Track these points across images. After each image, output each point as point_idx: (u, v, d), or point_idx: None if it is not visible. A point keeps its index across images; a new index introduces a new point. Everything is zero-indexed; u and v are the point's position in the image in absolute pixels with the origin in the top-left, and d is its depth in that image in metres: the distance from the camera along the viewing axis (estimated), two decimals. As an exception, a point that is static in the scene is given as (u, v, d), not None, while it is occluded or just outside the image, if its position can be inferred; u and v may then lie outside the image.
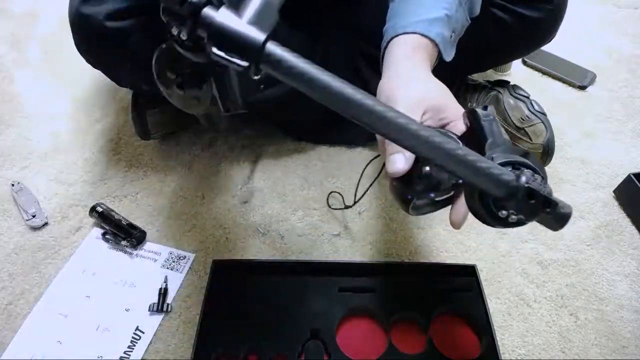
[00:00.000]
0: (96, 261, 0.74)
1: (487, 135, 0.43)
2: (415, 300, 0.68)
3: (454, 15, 0.58)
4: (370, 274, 0.71)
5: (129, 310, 0.69)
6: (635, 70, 1.12)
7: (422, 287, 0.70)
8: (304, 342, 0.64)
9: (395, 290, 0.70)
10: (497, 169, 0.36)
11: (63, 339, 0.66)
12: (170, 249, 0.76)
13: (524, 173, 0.37)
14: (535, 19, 0.76)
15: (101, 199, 0.82)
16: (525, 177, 0.37)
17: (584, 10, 1.29)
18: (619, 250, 0.78)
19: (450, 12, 0.57)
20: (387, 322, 0.66)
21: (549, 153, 0.80)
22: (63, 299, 0.70)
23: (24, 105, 1.00)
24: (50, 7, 1.26)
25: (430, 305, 0.67)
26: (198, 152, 0.91)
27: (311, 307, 0.67)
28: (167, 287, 0.71)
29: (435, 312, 0.67)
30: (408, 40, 0.55)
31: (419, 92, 0.50)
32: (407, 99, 0.49)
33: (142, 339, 0.66)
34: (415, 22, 0.55)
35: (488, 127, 0.44)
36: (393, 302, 0.68)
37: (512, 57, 0.96)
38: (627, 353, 0.67)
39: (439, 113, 0.50)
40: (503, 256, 0.77)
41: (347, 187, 0.86)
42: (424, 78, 0.52)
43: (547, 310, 0.71)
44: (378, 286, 0.69)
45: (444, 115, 0.50)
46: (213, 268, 0.71)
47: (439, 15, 0.56)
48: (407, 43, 0.55)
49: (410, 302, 0.68)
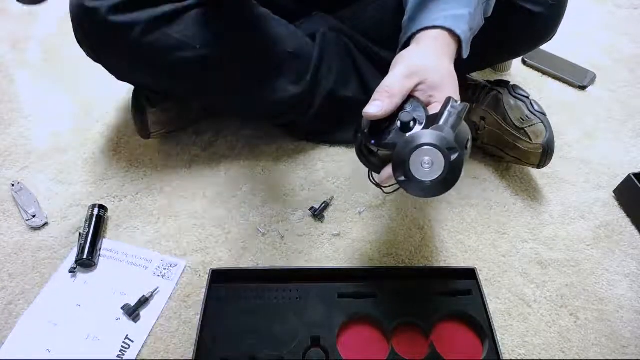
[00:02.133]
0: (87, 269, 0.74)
1: (440, 120, 0.49)
2: (416, 305, 0.68)
3: (474, 14, 0.59)
4: (370, 279, 0.70)
5: (119, 320, 0.68)
6: (635, 70, 1.12)
7: (422, 292, 0.69)
8: (304, 350, 0.63)
9: (396, 295, 0.69)
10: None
11: (52, 348, 0.66)
12: (161, 255, 0.75)
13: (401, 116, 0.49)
14: (537, 15, 0.76)
15: (101, 199, 0.82)
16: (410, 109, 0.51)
17: (584, 10, 1.29)
18: (619, 250, 0.78)
19: (472, 10, 0.59)
20: (388, 327, 0.65)
21: (549, 153, 0.80)
22: (53, 307, 0.70)
23: (24, 105, 1.00)
24: (50, 7, 1.26)
25: (431, 310, 0.67)
26: (198, 152, 0.91)
27: (311, 314, 0.66)
28: (150, 298, 0.70)
29: (436, 317, 0.66)
30: (433, 34, 0.57)
31: (425, 63, 0.54)
32: (410, 62, 0.54)
33: (131, 348, 0.66)
34: (443, 17, 0.57)
35: (447, 115, 0.49)
36: (394, 308, 0.67)
37: (512, 54, 0.96)
38: (627, 353, 0.67)
39: (431, 90, 0.53)
40: (503, 256, 0.77)
41: (347, 187, 0.86)
42: (439, 57, 0.55)
43: (547, 310, 0.71)
44: (378, 291, 0.69)
45: (434, 93, 0.53)
46: (210, 278, 0.70)
47: (464, 12, 0.58)
48: (432, 36, 0.57)
49: (411, 307, 0.67)
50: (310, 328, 0.65)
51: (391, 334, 0.65)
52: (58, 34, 1.17)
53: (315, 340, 0.64)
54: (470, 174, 0.88)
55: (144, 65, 0.74)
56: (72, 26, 0.71)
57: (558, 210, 0.83)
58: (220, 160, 0.89)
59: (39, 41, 1.16)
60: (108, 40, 0.71)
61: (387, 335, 0.65)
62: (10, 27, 1.20)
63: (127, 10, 0.68)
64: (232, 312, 0.67)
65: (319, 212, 0.80)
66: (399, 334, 0.66)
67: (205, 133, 0.94)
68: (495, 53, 0.89)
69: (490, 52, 0.88)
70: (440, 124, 0.48)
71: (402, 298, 0.69)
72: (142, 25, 0.69)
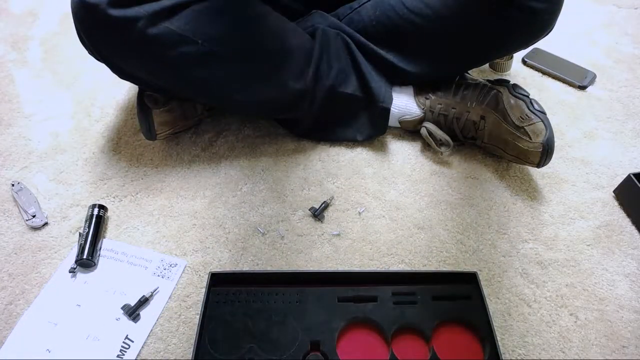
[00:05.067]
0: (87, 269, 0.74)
1: None
2: (417, 310, 0.67)
3: None
4: (370, 283, 0.70)
5: (119, 320, 0.68)
6: (635, 70, 1.12)
7: (423, 296, 0.69)
8: (304, 355, 0.63)
9: (396, 299, 0.68)
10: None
11: (52, 348, 0.66)
12: (161, 255, 0.75)
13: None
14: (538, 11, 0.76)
15: (101, 199, 0.82)
16: None
17: (584, 10, 1.29)
18: (619, 250, 0.78)
19: None
20: (388, 332, 0.65)
21: (549, 152, 0.80)
22: (53, 307, 0.70)
23: (24, 105, 1.00)
24: (50, 7, 1.26)
25: (432, 314, 0.66)
26: (198, 152, 0.91)
27: (311, 318, 0.66)
28: (150, 298, 0.70)
29: (437, 321, 0.66)
30: None
31: None
32: None
33: (131, 348, 0.66)
34: None
35: None
36: (394, 312, 0.67)
37: (510, 50, 0.96)
38: (627, 353, 0.67)
39: None
40: (503, 256, 0.77)
41: (347, 187, 0.86)
42: None
43: (547, 310, 0.71)
44: (378, 296, 0.68)
45: None
46: (210, 281, 0.69)
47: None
48: None
49: (412, 311, 0.67)
50: (309, 332, 0.65)
51: (391, 339, 0.64)
52: (58, 34, 1.17)
53: (314, 344, 0.64)
54: (470, 174, 0.88)
55: (146, 60, 0.74)
56: (74, 23, 0.71)
57: (558, 210, 0.83)
58: (220, 160, 0.89)
59: (39, 41, 1.16)
60: (109, 36, 0.71)
61: (388, 339, 0.64)
62: (10, 27, 1.20)
63: (127, 5, 0.68)
64: (231, 315, 0.67)
65: (319, 212, 0.80)
66: (399, 339, 0.65)
67: (205, 133, 0.94)
68: (494, 49, 0.89)
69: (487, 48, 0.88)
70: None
71: (402, 302, 0.68)
72: (143, 19, 0.68)
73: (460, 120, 0.88)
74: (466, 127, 0.88)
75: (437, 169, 0.89)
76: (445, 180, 0.87)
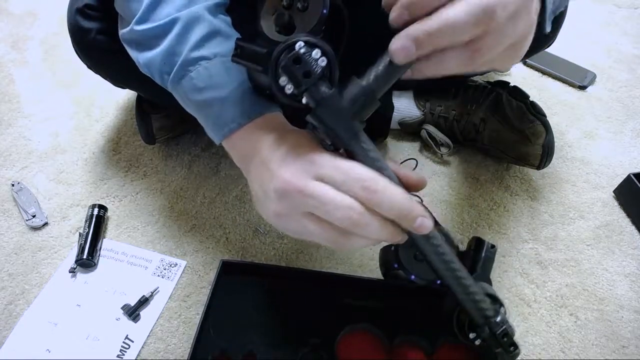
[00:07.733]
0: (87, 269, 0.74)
1: (478, 267, 0.52)
2: (419, 322, 0.66)
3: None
4: (376, 291, 0.69)
5: (119, 320, 0.68)
6: (635, 70, 1.12)
7: (426, 308, 0.67)
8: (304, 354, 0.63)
9: (399, 310, 0.67)
10: (485, 303, 0.46)
11: (52, 348, 0.66)
12: (161, 255, 0.75)
13: (501, 313, 0.47)
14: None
15: (101, 199, 0.82)
16: (501, 317, 0.46)
17: (583, 10, 1.29)
18: (619, 250, 0.78)
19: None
20: (389, 343, 0.64)
21: (549, 154, 0.80)
22: (53, 307, 0.70)
23: (24, 105, 1.00)
24: (50, 7, 1.26)
25: (434, 327, 0.65)
26: (198, 152, 0.91)
27: (313, 319, 0.66)
28: (150, 298, 0.70)
29: (440, 336, 0.65)
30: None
31: None
32: None
33: (131, 348, 0.66)
34: None
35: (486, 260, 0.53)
36: (397, 324, 0.66)
37: None
38: (627, 353, 0.67)
39: None
40: (503, 256, 0.77)
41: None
42: None
43: (547, 310, 0.71)
44: (382, 305, 0.67)
45: None
46: (220, 269, 0.69)
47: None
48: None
49: (415, 325, 0.66)
50: (310, 333, 0.64)
51: (392, 350, 0.64)
52: (58, 34, 1.17)
53: (315, 346, 0.64)
54: (470, 174, 0.88)
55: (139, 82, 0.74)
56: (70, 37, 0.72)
57: (558, 210, 0.83)
58: (220, 160, 0.89)
59: (39, 41, 1.16)
60: (101, 59, 0.72)
61: (387, 350, 0.64)
62: (10, 27, 1.20)
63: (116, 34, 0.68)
64: (237, 305, 0.67)
65: None
66: (399, 351, 0.64)
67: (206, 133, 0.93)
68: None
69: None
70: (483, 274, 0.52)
71: (405, 314, 0.67)
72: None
73: (461, 123, 0.88)
74: (466, 129, 0.88)
75: (437, 169, 0.89)
76: (445, 180, 0.87)
